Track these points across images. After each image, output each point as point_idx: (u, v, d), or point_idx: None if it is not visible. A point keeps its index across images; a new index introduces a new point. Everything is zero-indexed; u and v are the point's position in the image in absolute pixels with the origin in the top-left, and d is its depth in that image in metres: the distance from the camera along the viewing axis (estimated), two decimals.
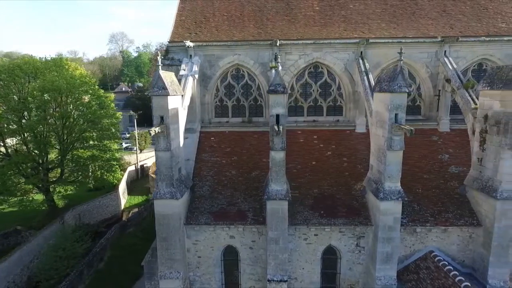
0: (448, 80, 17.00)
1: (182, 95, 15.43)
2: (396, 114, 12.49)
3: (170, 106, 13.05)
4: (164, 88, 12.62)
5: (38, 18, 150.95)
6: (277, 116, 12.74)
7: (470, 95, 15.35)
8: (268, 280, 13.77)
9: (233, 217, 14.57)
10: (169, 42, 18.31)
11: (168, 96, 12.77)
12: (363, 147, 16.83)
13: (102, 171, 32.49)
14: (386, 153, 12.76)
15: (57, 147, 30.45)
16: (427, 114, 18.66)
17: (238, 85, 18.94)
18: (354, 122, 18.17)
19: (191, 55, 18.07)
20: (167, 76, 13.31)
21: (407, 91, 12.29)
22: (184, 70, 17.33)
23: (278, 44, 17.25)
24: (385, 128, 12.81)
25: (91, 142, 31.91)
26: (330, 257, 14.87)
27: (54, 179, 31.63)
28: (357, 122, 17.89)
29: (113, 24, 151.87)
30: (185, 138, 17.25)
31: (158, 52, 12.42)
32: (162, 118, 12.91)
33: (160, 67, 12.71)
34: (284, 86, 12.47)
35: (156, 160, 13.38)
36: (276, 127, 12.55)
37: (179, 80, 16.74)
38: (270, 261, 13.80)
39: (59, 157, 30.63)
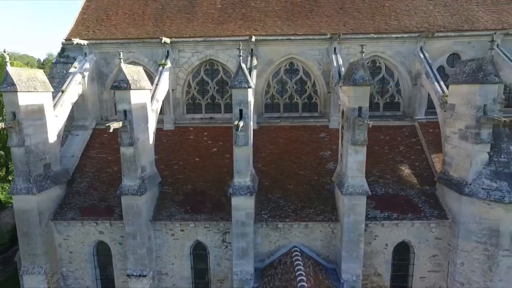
0: (333, 77, 17.07)
1: (57, 92, 15.64)
2: (240, 110, 12.60)
3: (24, 103, 13.16)
4: (13, 84, 12.74)
5: (38, 18, 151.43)
6: (124, 111, 12.84)
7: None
8: (128, 275, 13.87)
9: (100, 212, 14.65)
10: (65, 40, 18.45)
11: (19, 92, 12.88)
12: None
13: None
14: (234, 149, 12.87)
15: None
16: (323, 111, 18.74)
17: None
18: None
19: (86, 53, 18.22)
20: (23, 73, 13.43)
21: (247, 86, 12.39)
22: (76, 68, 17.48)
23: (163, 42, 17.32)
24: None
25: None
26: (200, 252, 14.95)
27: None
28: None
29: None
30: (75, 135, 17.57)
31: (5, 49, 12.52)
32: (14, 114, 13.04)
33: (8, 63, 12.80)
34: (127, 82, 12.55)
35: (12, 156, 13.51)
36: (121, 122, 12.64)
37: (66, 78, 16.97)
38: (129, 256, 13.89)
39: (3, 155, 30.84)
